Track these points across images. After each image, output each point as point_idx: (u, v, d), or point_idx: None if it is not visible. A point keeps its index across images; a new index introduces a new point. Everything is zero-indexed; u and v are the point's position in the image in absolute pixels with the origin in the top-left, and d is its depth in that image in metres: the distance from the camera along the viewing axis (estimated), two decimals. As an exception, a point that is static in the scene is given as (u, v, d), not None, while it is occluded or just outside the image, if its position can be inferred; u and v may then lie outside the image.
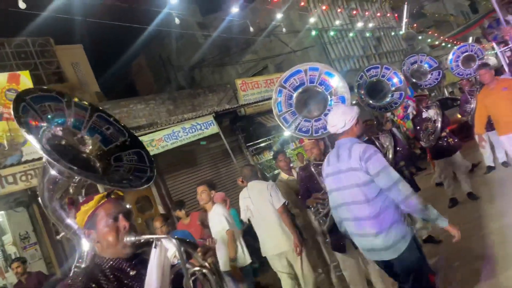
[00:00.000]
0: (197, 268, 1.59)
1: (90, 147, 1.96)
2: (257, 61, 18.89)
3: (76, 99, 1.95)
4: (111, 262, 1.60)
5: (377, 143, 4.90)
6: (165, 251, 1.55)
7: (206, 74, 21.41)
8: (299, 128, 3.35)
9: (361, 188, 2.55)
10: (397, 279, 2.72)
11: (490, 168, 6.84)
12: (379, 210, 2.51)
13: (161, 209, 8.80)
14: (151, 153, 7.21)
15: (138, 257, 1.65)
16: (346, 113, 2.75)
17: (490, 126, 6.62)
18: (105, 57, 22.17)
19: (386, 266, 2.69)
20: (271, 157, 10.30)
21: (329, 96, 3.41)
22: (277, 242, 4.10)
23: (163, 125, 8.18)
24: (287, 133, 11.55)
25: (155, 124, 8.70)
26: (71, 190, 1.96)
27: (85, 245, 1.99)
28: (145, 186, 1.87)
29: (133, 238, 1.58)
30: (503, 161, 6.75)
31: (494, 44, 11.45)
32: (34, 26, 11.98)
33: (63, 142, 1.88)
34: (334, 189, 2.76)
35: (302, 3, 16.12)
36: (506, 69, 11.13)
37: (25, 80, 7.16)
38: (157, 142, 7.21)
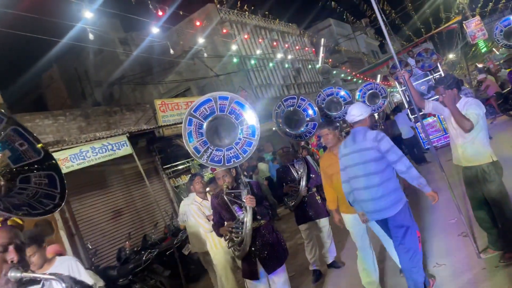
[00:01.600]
0: None
1: None
2: (180, 82, 18.72)
3: None
4: None
5: (292, 169, 5.10)
6: None
7: (126, 91, 20.64)
8: (211, 158, 3.32)
9: (372, 163, 3.32)
10: (391, 235, 3.48)
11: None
12: (384, 179, 3.30)
13: (63, 234, 8.10)
14: (54, 174, 6.73)
15: None
16: (363, 107, 3.57)
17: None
18: (12, 67, 20.36)
19: (384, 224, 3.47)
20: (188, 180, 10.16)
21: (239, 125, 3.45)
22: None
23: (72, 143, 7.64)
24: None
25: (62, 142, 8.10)
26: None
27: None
28: (49, 214, 1.66)
29: (18, 275, 1.40)
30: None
31: (397, 83, 12.76)
32: None
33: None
34: (350, 165, 3.49)
35: (225, 30, 16.47)
36: (406, 106, 12.45)
37: None
38: (62, 161, 6.67)
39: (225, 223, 3.64)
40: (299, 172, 5.05)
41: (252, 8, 17.93)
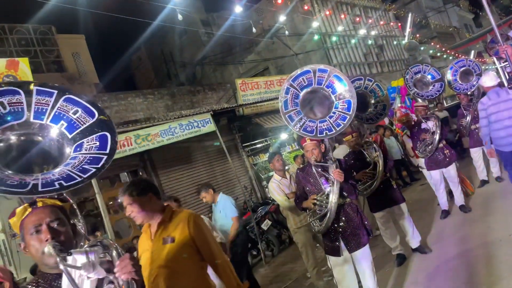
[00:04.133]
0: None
1: (53, 136, 1.74)
2: (259, 62, 18.88)
3: (37, 86, 1.74)
4: (40, 280, 1.50)
5: (363, 155, 4.86)
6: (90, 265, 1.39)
7: (208, 72, 21.38)
8: (304, 127, 3.31)
9: None
10: None
11: (484, 182, 6.86)
12: None
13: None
14: (147, 148, 7.27)
15: None
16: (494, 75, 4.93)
17: (478, 142, 6.64)
18: (107, 49, 22.13)
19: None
20: (267, 159, 10.34)
21: (335, 99, 3.39)
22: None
23: (161, 120, 8.16)
24: (284, 135, 11.66)
25: (152, 119, 8.66)
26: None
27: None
28: (86, 182, 1.56)
29: (51, 251, 1.40)
30: (497, 176, 6.77)
31: (495, 59, 11.50)
32: (36, 13, 11.93)
33: (15, 141, 1.68)
34: (501, 110, 4.59)
35: (306, 7, 16.13)
36: (506, 84, 11.22)
37: (24, 67, 7.10)
38: (153, 137, 7.16)
39: (309, 196, 3.61)
40: (373, 157, 4.81)
41: None
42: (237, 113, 10.92)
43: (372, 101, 5.06)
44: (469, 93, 7.06)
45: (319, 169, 3.53)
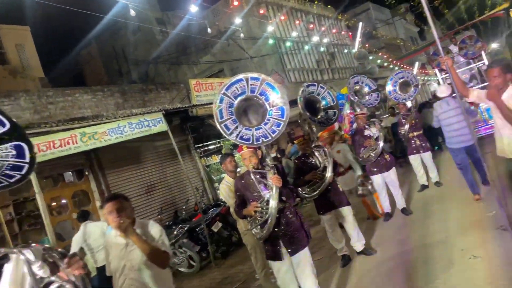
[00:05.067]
0: (57, 285, 1.43)
1: None
2: (214, 63, 18.79)
3: None
4: None
5: (312, 158, 4.99)
6: (24, 265, 1.38)
7: (161, 71, 20.95)
8: (241, 135, 3.35)
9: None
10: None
11: (423, 187, 7.27)
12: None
13: (99, 205, 8.44)
14: (93, 146, 6.99)
15: None
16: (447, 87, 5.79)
17: (422, 148, 7.14)
18: (54, 43, 21.02)
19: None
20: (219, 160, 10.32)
21: (268, 107, 3.45)
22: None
23: (109, 118, 7.88)
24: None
25: (100, 117, 8.35)
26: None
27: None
28: (15, 186, 1.66)
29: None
30: (436, 181, 7.21)
31: (437, 71, 12.27)
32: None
33: None
34: (451, 116, 5.71)
35: (262, 11, 16.31)
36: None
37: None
38: (101, 135, 6.89)
39: (249, 204, 3.65)
40: (322, 160, 4.96)
41: None
42: (191, 114, 10.79)
43: (323, 107, 5.22)
44: (407, 102, 7.46)
45: (258, 176, 3.58)
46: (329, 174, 4.78)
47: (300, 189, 5.08)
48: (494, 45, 33.20)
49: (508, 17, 19.24)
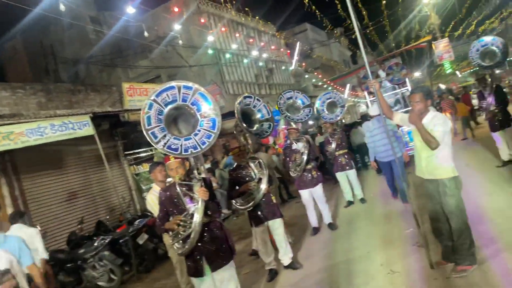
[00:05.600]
0: None
1: None
2: (151, 68, 18.28)
3: None
4: None
5: (247, 170, 4.97)
6: None
7: (93, 72, 19.93)
8: (168, 145, 3.22)
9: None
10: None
11: (349, 203, 7.56)
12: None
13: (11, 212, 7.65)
14: (7, 148, 6.36)
15: None
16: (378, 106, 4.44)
17: (348, 166, 7.42)
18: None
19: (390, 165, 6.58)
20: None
21: (199, 117, 3.37)
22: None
23: (30, 117, 7.23)
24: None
25: (19, 115, 7.65)
26: None
27: None
28: None
29: None
30: (361, 198, 7.54)
31: (366, 93, 13.01)
32: None
33: None
34: (380, 133, 6.42)
35: (203, 20, 16.25)
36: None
37: None
38: (17, 135, 6.26)
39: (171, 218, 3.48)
40: (257, 172, 4.96)
41: (233, 2, 17.59)
42: (122, 119, 10.30)
43: (259, 119, 5.24)
44: (334, 122, 7.73)
45: (184, 188, 3.45)
46: (264, 186, 4.79)
47: (234, 200, 5.02)
48: (417, 73, 36.26)
49: (430, 49, 21.07)
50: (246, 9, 19.22)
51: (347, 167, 7.51)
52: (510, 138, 6.78)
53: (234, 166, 5.30)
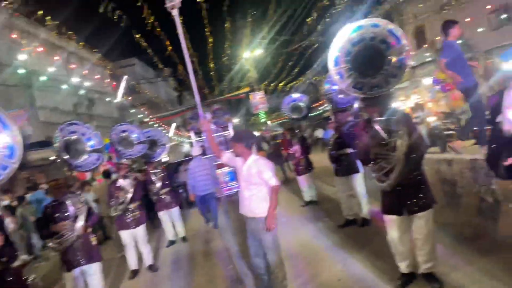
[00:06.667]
0: None
1: None
2: None
3: None
4: None
5: (65, 205, 4.45)
6: None
7: None
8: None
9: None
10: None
11: (171, 242, 7.43)
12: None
13: None
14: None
15: None
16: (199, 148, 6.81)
17: (171, 204, 7.36)
18: None
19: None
20: None
21: None
22: None
23: None
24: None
25: None
26: None
27: None
28: None
29: None
30: (182, 236, 7.53)
31: (192, 133, 13.40)
32: None
33: None
34: (200, 170, 7.69)
35: (14, 36, 14.26)
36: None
37: None
38: None
39: None
40: (76, 208, 4.50)
41: (57, 22, 15.70)
42: None
43: (88, 148, 4.85)
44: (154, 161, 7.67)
45: None
46: (79, 224, 4.32)
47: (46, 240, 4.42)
48: (236, 120, 39.64)
49: (248, 99, 23.42)
50: (70, 32, 17.59)
51: (170, 206, 7.41)
52: (311, 182, 8.00)
53: (51, 201, 4.66)
